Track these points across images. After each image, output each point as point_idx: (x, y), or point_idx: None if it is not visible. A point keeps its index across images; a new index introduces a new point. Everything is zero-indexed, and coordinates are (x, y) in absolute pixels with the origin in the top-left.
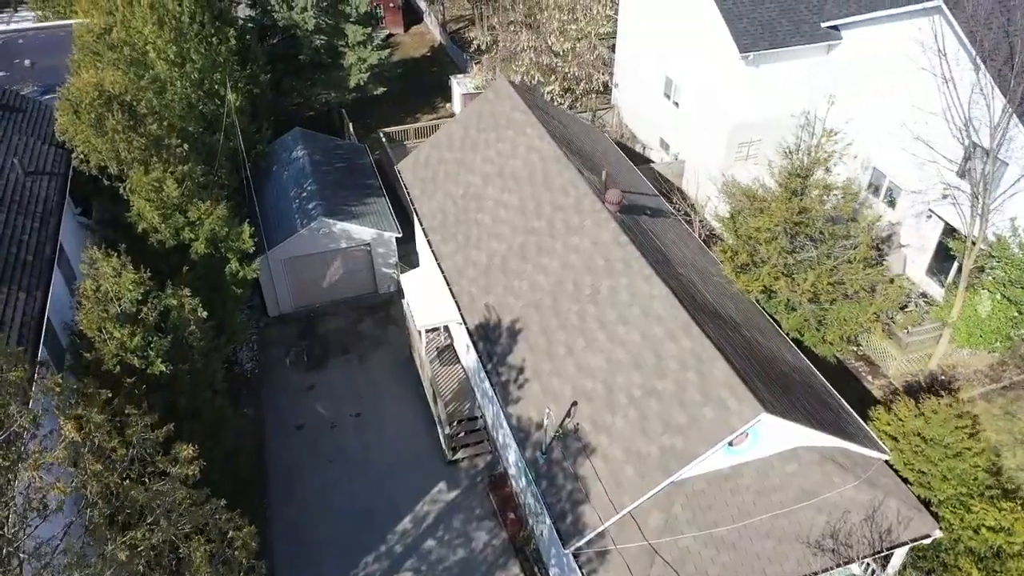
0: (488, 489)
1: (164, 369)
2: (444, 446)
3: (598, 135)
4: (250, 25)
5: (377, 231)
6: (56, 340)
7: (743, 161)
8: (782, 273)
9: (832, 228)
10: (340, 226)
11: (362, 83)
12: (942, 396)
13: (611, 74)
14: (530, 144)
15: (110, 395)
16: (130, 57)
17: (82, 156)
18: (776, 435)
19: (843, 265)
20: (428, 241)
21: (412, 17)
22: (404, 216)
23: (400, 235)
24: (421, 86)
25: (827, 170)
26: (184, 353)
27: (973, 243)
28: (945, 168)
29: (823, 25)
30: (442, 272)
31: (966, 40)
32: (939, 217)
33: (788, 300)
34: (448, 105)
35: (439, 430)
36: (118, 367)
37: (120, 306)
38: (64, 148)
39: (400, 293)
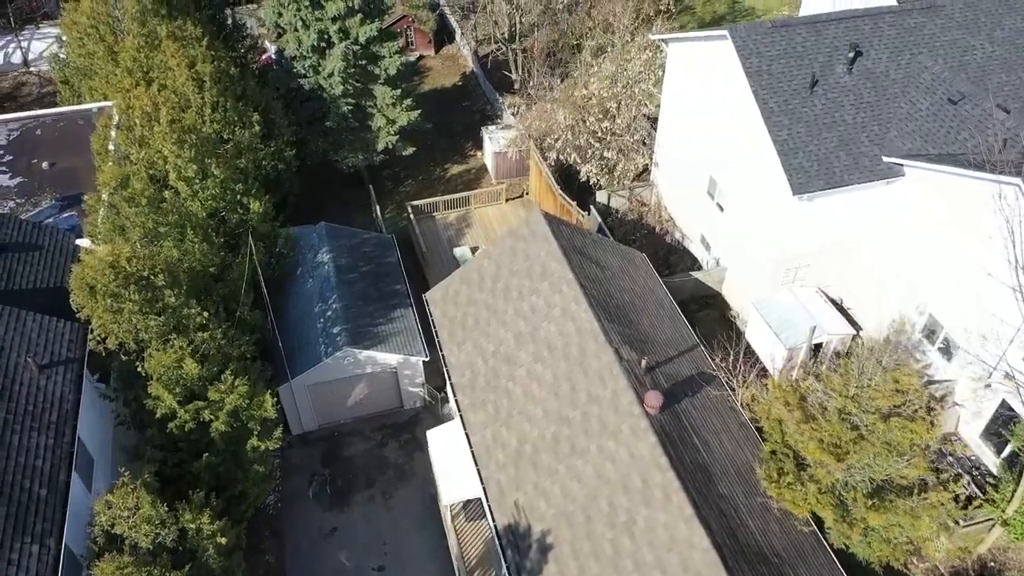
0: None
1: None
2: None
3: (639, 265)
4: (276, 91)
5: (403, 356)
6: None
7: (789, 284)
8: (830, 503)
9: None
10: (365, 354)
11: (391, 146)
12: None
13: (651, 154)
14: (566, 307)
15: None
16: (148, 199)
17: (99, 338)
18: None
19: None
20: (456, 402)
21: (442, 32)
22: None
23: (427, 359)
24: (451, 126)
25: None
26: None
27: None
28: (1008, 343)
29: (884, 159)
30: (471, 447)
31: None
32: (1000, 385)
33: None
34: (479, 154)
35: None
36: None
37: (136, 550)
38: (79, 321)
39: (426, 410)
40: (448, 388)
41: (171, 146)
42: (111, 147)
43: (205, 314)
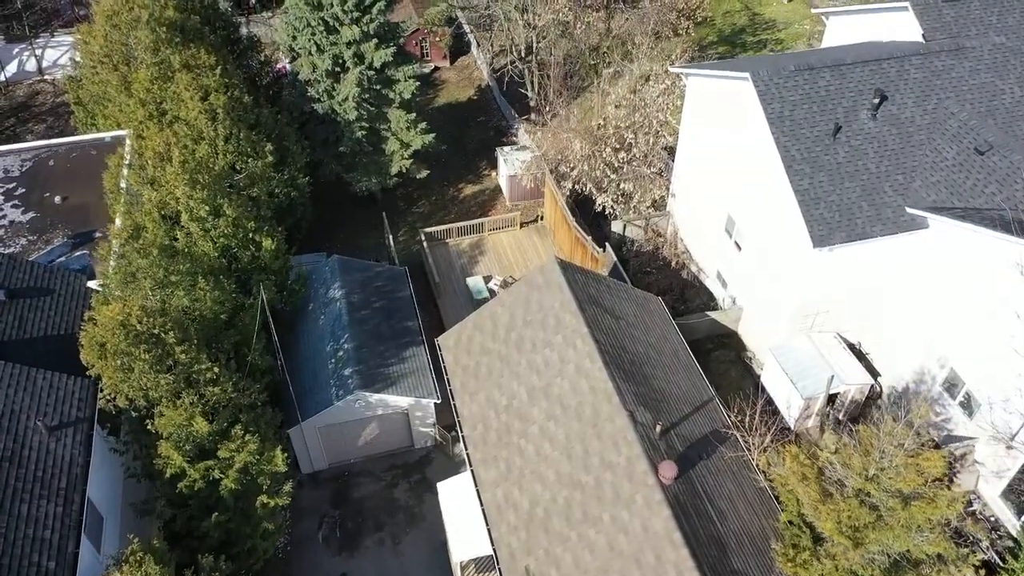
0: None
1: None
2: None
3: (654, 311)
4: (290, 114)
5: (415, 398)
6: None
7: (807, 329)
8: None
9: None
10: (377, 397)
11: (404, 169)
12: None
13: (668, 184)
14: (579, 364)
15: None
16: (159, 249)
17: (108, 397)
18: None
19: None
20: (468, 456)
21: (458, 41)
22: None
23: (439, 401)
24: (465, 143)
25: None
26: None
27: None
28: None
29: (908, 210)
30: (481, 506)
31: None
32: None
33: None
34: (493, 174)
35: None
36: None
37: None
38: (89, 377)
39: (436, 449)
40: (460, 440)
41: (183, 187)
42: (123, 184)
43: (216, 369)
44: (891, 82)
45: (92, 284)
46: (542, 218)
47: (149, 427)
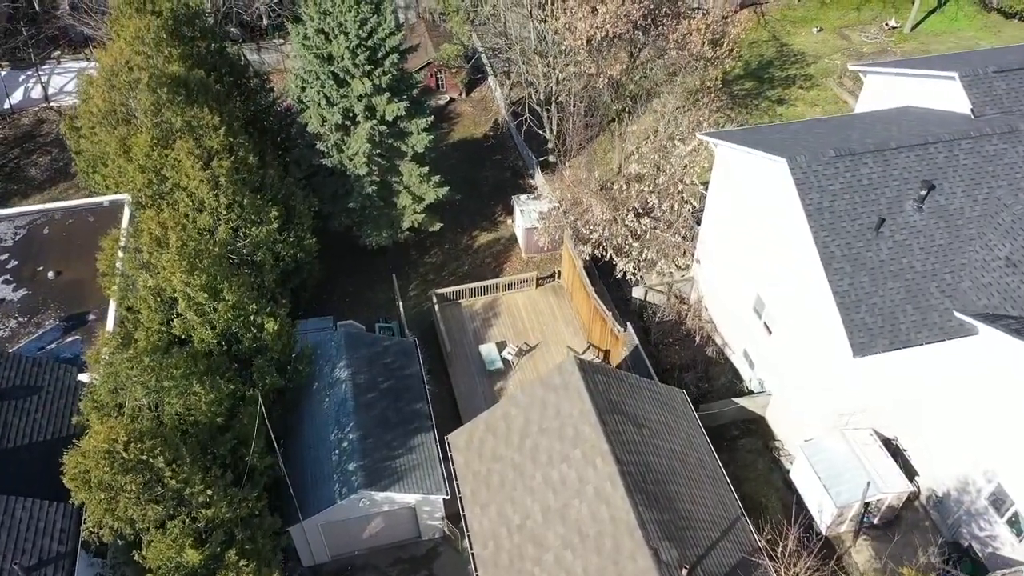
0: None
1: None
2: None
3: (679, 410)
4: (298, 167)
5: (423, 495)
6: None
7: (841, 427)
8: None
9: None
10: (382, 495)
11: (416, 224)
12: None
13: (694, 248)
14: (599, 487)
15: None
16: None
17: (93, 530)
18: None
19: None
20: None
21: (474, 68)
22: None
23: (448, 497)
24: (480, 184)
25: None
26: None
27: None
28: None
29: (956, 315)
30: None
31: None
32: None
33: None
34: (509, 221)
35: None
36: None
37: None
38: (73, 505)
39: (444, 542)
40: (470, 558)
41: (180, 275)
42: (119, 265)
43: (209, 492)
44: (939, 168)
45: (83, 377)
46: (559, 275)
47: (136, 557)
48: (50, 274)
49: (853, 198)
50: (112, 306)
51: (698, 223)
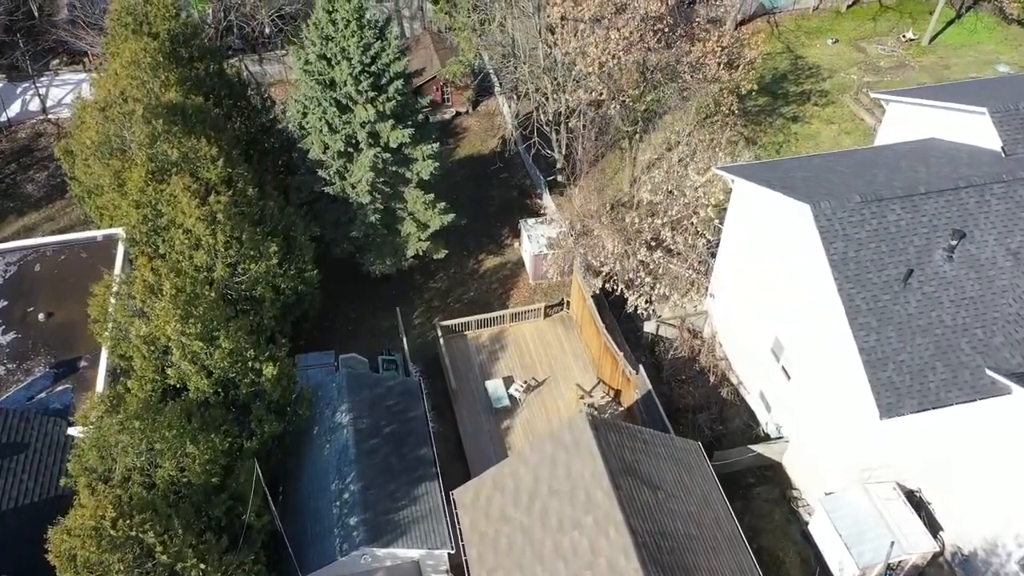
0: None
1: None
2: None
3: (693, 464)
4: (299, 193)
5: (427, 549)
6: None
7: (863, 481)
8: None
9: None
10: (385, 551)
11: (421, 252)
12: None
13: (708, 283)
14: (613, 560)
15: None
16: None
17: None
18: None
19: None
20: None
21: (480, 82)
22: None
23: (452, 551)
24: (486, 205)
25: None
26: None
27: None
28: None
29: (988, 373)
30: None
31: None
32: None
33: None
34: (516, 244)
35: None
36: None
37: None
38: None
39: None
40: None
41: (174, 323)
42: (110, 310)
43: (203, 566)
44: (970, 215)
45: (73, 431)
46: (567, 304)
47: None
48: (41, 316)
49: (880, 247)
50: (104, 353)
51: (712, 256)
